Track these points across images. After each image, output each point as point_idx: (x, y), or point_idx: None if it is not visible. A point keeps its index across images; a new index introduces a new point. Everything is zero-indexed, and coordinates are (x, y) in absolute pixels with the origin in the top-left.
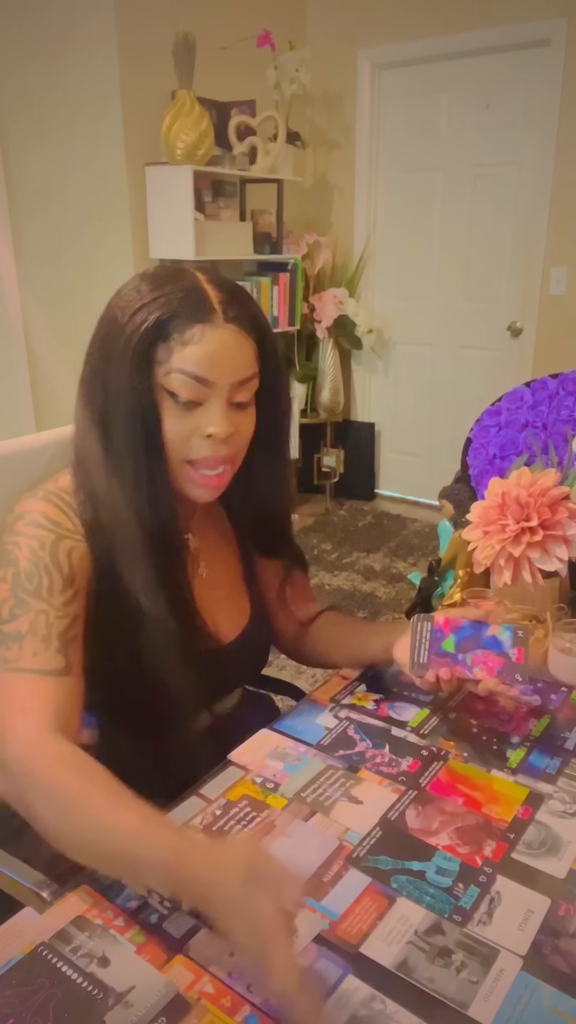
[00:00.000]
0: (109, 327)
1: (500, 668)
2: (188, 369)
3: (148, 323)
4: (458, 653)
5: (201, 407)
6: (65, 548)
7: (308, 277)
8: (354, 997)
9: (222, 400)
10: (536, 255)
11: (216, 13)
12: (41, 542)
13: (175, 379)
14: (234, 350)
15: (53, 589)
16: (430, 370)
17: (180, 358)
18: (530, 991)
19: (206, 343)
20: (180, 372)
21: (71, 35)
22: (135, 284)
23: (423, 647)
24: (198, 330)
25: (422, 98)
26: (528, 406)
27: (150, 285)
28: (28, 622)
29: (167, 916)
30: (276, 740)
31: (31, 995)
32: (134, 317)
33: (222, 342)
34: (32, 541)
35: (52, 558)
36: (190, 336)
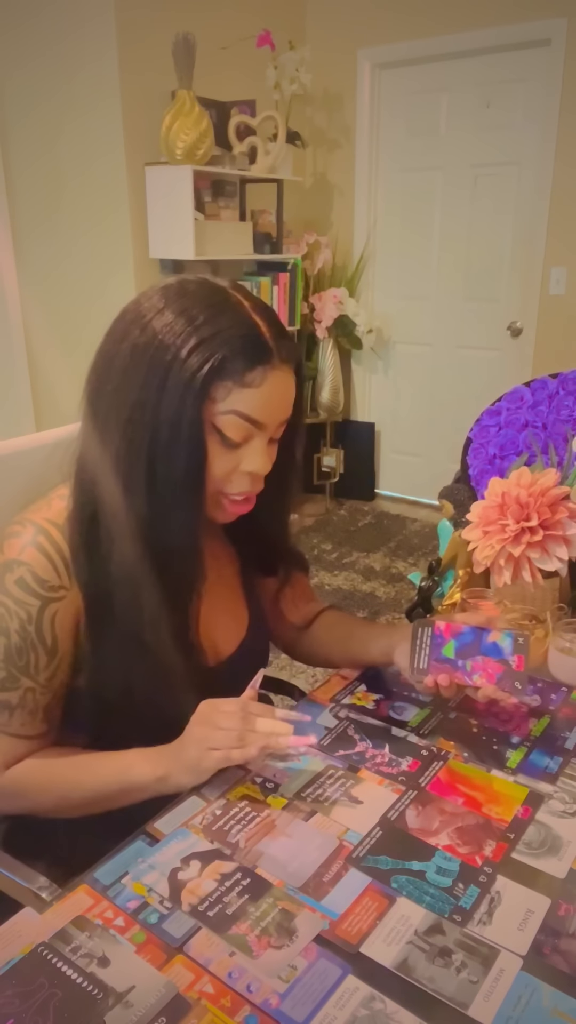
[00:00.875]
0: (159, 354)
1: (500, 675)
2: (245, 412)
3: (213, 363)
4: (458, 659)
5: (242, 446)
6: (49, 615)
7: (308, 277)
8: (354, 997)
9: (265, 439)
10: (536, 255)
11: (216, 13)
12: (28, 614)
13: (229, 420)
14: (287, 392)
15: (39, 666)
16: (430, 370)
17: (238, 400)
18: (530, 991)
19: (266, 387)
20: (235, 414)
21: (71, 35)
22: (181, 307)
23: (423, 652)
24: (259, 373)
25: (422, 98)
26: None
27: (202, 313)
28: (18, 698)
29: (167, 916)
30: None
31: (31, 995)
32: (195, 353)
33: (279, 385)
34: (21, 612)
35: (38, 632)
36: (251, 379)
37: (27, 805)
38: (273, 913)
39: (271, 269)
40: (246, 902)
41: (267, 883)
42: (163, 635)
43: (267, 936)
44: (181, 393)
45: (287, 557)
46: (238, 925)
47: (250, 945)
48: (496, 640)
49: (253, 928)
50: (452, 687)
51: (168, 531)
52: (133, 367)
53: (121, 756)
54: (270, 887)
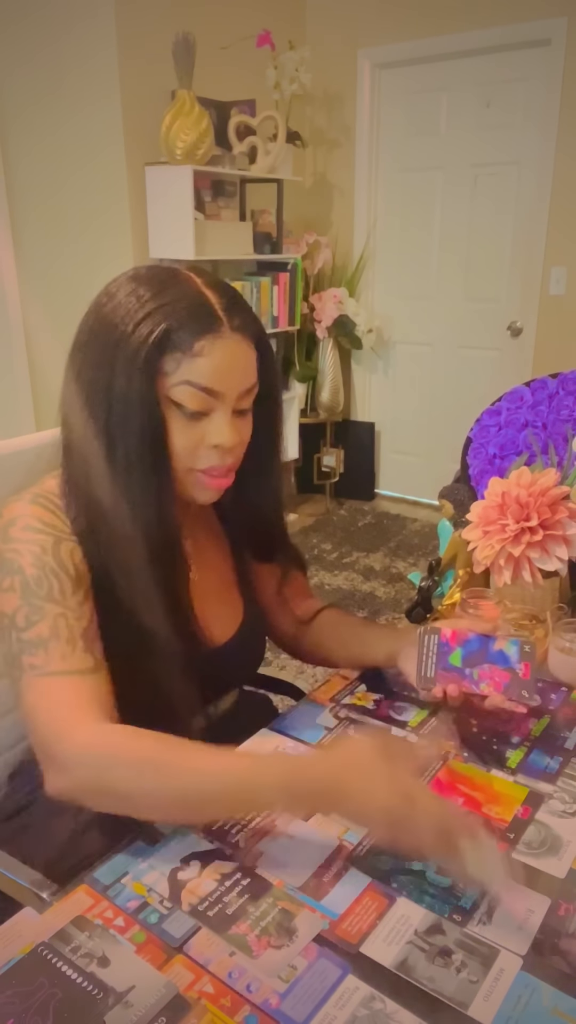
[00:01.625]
0: (108, 334)
1: (507, 684)
2: (197, 381)
3: (156, 335)
4: (465, 667)
5: (207, 417)
6: (67, 549)
7: (308, 277)
8: (354, 997)
9: (227, 410)
10: (536, 255)
11: (216, 13)
12: (42, 546)
13: (183, 391)
14: (241, 360)
15: (65, 591)
16: (430, 370)
17: (189, 370)
18: (530, 991)
19: (215, 355)
20: (188, 384)
21: (71, 35)
22: (131, 288)
23: (430, 661)
24: (207, 341)
25: (422, 98)
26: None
27: (149, 290)
28: (49, 627)
29: (167, 916)
30: (276, 740)
31: (31, 995)
32: (139, 327)
33: (230, 353)
34: (33, 546)
35: (57, 561)
36: (199, 348)
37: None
38: (273, 913)
39: (271, 269)
40: (246, 902)
41: (267, 883)
42: (155, 610)
43: (267, 936)
44: (128, 368)
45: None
46: (238, 925)
47: (250, 945)
48: (502, 648)
49: (253, 928)
50: (460, 697)
51: (142, 508)
52: (88, 349)
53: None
54: (270, 887)
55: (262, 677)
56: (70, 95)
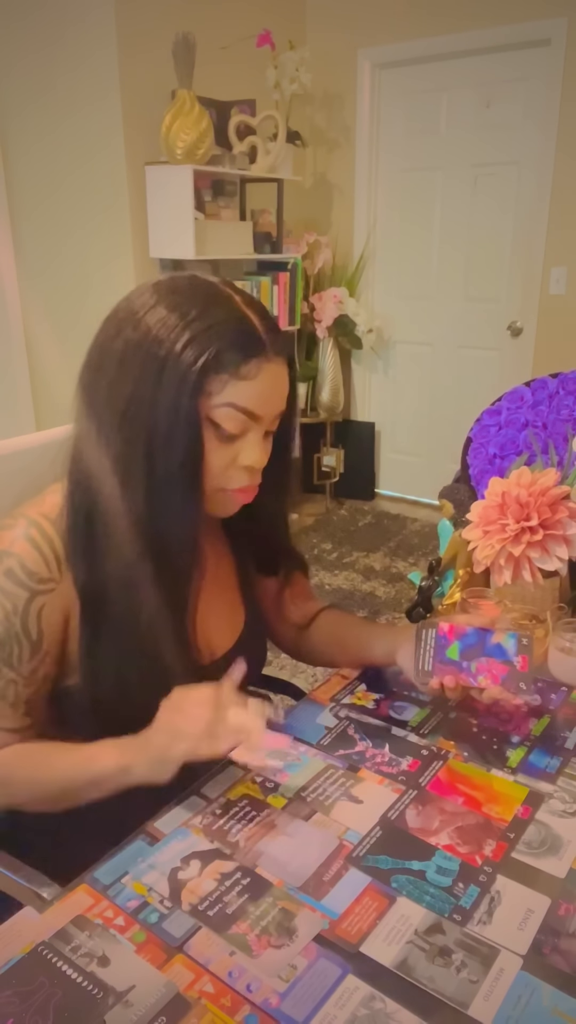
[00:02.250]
0: (153, 349)
1: (504, 676)
2: (241, 404)
3: (208, 356)
4: (462, 661)
5: (241, 438)
6: (36, 608)
7: (308, 277)
8: (354, 997)
9: (261, 432)
10: (536, 255)
11: (216, 13)
12: (14, 605)
13: (225, 413)
14: (280, 385)
15: (23, 658)
16: (430, 370)
17: (234, 393)
18: (530, 991)
19: (261, 379)
20: (231, 407)
21: (71, 35)
22: (174, 302)
23: (427, 655)
24: (254, 365)
25: (422, 98)
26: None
27: (193, 307)
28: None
29: (167, 916)
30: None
31: (31, 995)
32: (189, 346)
33: (273, 377)
34: (6, 602)
35: (23, 624)
36: (246, 371)
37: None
38: (273, 913)
39: (271, 269)
40: (246, 902)
41: (267, 883)
42: (157, 631)
43: (267, 936)
44: (177, 387)
45: (287, 557)
46: (238, 925)
47: (250, 945)
48: (500, 641)
49: (253, 928)
50: (458, 689)
51: (166, 525)
52: (128, 362)
53: (87, 747)
54: (270, 887)
55: (262, 677)
56: (70, 95)
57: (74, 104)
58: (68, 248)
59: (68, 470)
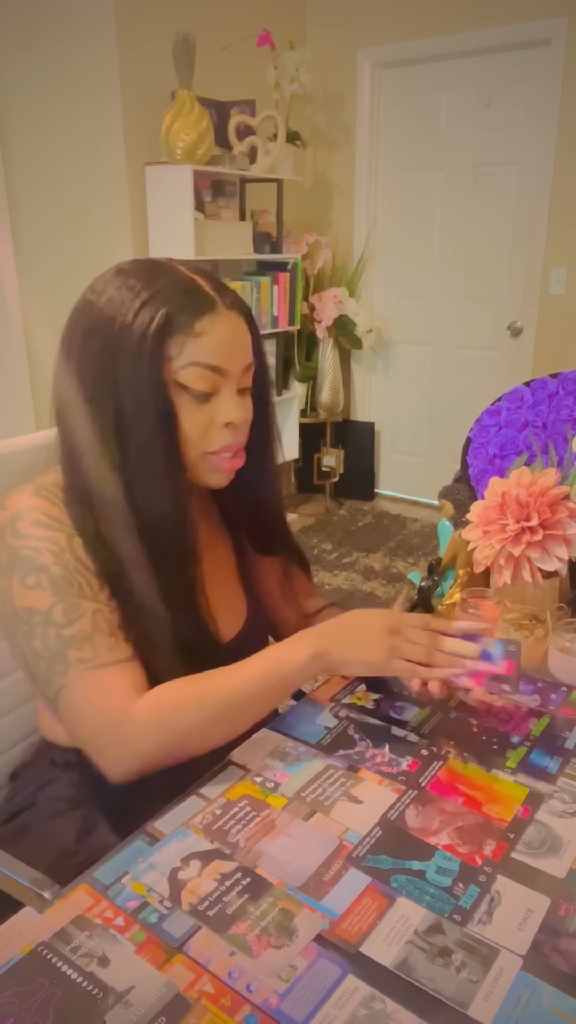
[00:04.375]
0: (107, 327)
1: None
2: (204, 360)
3: (158, 320)
4: None
5: (214, 398)
6: (78, 544)
7: (308, 277)
8: (354, 997)
9: (233, 387)
10: (536, 255)
11: (216, 13)
12: (58, 544)
13: (190, 372)
14: (240, 336)
15: (93, 587)
16: (430, 370)
17: (194, 351)
18: (530, 991)
19: (216, 332)
20: (195, 365)
21: (71, 35)
22: (121, 281)
23: None
24: (207, 320)
25: (422, 98)
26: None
27: (139, 281)
28: (90, 623)
29: (167, 916)
30: (276, 740)
31: (31, 995)
32: (139, 315)
33: (230, 329)
34: (50, 544)
35: (76, 559)
36: (200, 328)
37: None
38: (273, 913)
39: (271, 269)
40: (246, 902)
41: (267, 883)
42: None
43: (267, 936)
44: (135, 357)
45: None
46: (238, 925)
47: (250, 945)
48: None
49: (253, 928)
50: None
51: (155, 501)
52: (87, 347)
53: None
54: (270, 887)
55: None
56: (70, 95)
57: (74, 104)
58: (68, 248)
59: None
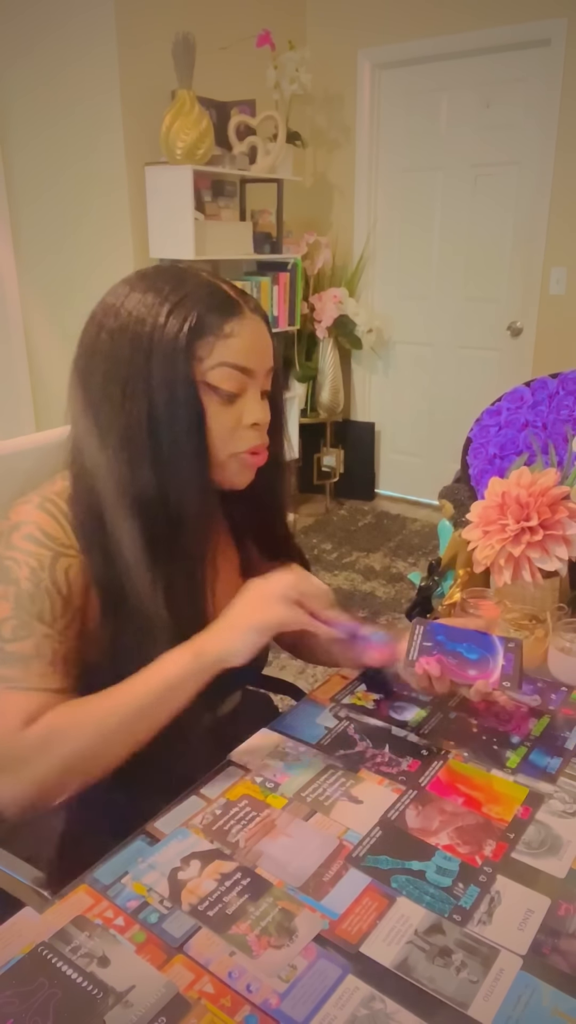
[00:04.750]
0: (138, 329)
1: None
2: (233, 361)
3: (191, 322)
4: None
5: (239, 400)
6: (63, 567)
7: (308, 277)
8: (354, 997)
9: (257, 390)
10: (536, 255)
11: (216, 13)
12: (40, 561)
13: (219, 373)
14: (264, 339)
15: (55, 613)
16: (430, 370)
17: (223, 352)
18: (530, 991)
19: (244, 334)
20: (224, 365)
21: (70, 35)
22: (147, 285)
23: (415, 647)
24: (235, 323)
25: (422, 98)
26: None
27: (167, 284)
28: (34, 646)
29: (167, 916)
30: (276, 740)
31: (31, 995)
32: (172, 316)
33: (256, 331)
34: (31, 560)
35: (52, 579)
36: (229, 330)
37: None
38: (273, 913)
39: (271, 269)
40: (246, 902)
41: (267, 883)
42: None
43: (267, 936)
44: (168, 357)
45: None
46: (238, 925)
47: (250, 945)
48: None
49: (253, 928)
50: (445, 681)
51: (181, 499)
52: (117, 349)
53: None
54: (270, 887)
55: (263, 677)
56: (70, 95)
57: (74, 104)
58: (68, 248)
59: (71, 471)
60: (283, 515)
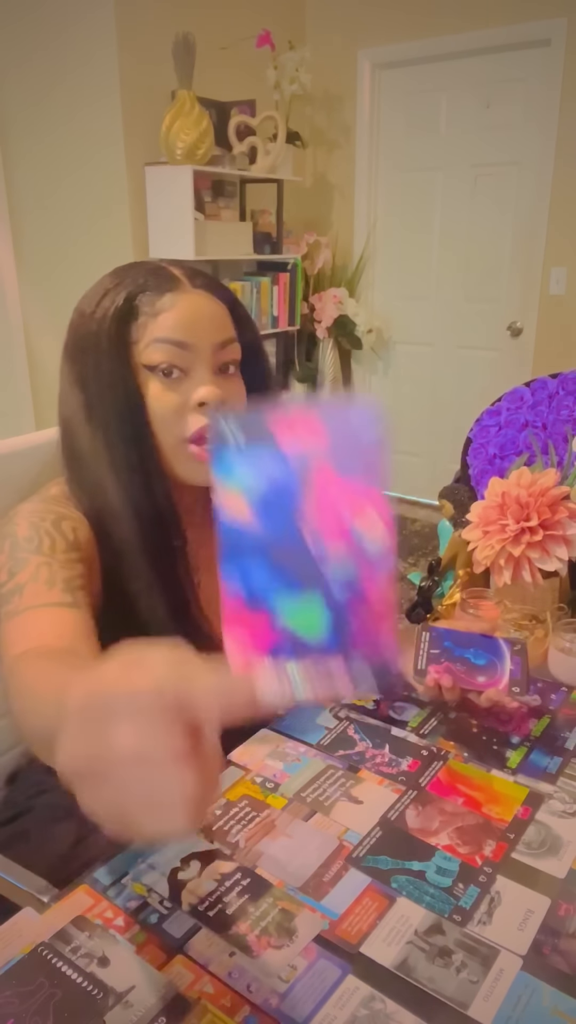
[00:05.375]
0: (78, 323)
1: None
2: (165, 335)
3: (117, 303)
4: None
5: (187, 377)
6: (69, 524)
7: (308, 277)
8: (354, 997)
9: (207, 366)
10: (536, 255)
11: (216, 13)
12: (41, 515)
13: (152, 350)
14: (206, 311)
15: (55, 547)
16: (430, 370)
17: (155, 328)
18: (530, 991)
19: (179, 308)
20: (157, 341)
21: (71, 35)
22: (99, 281)
23: (423, 655)
24: (168, 298)
25: (422, 98)
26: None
27: (113, 277)
28: (29, 574)
29: (167, 916)
30: (276, 740)
31: (31, 995)
32: (101, 303)
33: (194, 305)
34: (32, 516)
35: (54, 526)
36: (161, 305)
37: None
38: (273, 913)
39: (271, 269)
40: (246, 902)
41: (267, 883)
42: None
43: (267, 936)
44: (96, 343)
45: None
46: (238, 925)
47: (250, 945)
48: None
49: (253, 928)
50: (456, 690)
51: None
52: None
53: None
54: (270, 887)
55: None
56: (70, 95)
57: (74, 105)
58: (68, 248)
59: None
60: None
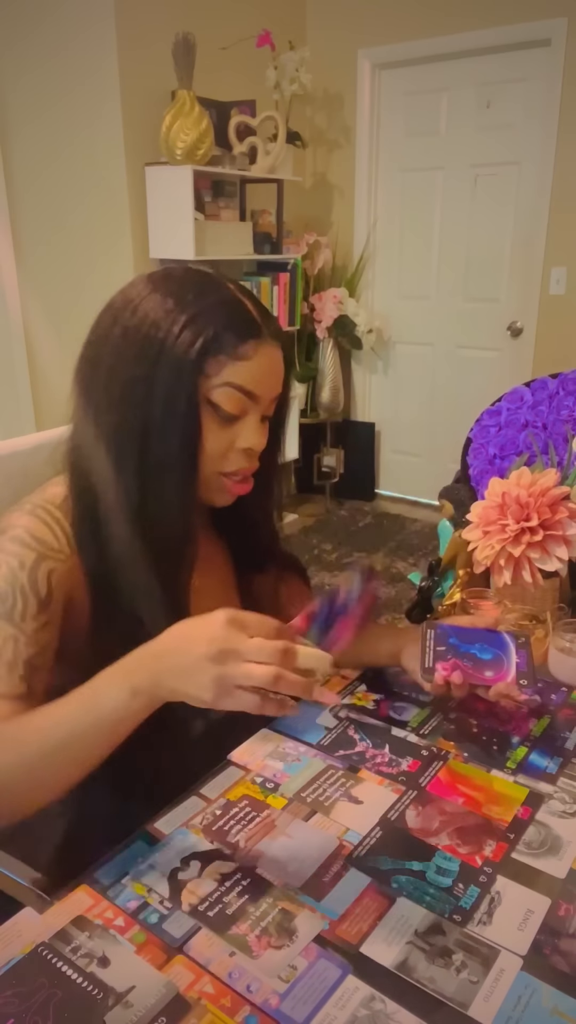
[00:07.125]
0: (150, 332)
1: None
2: (240, 383)
3: (205, 337)
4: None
5: (239, 421)
6: (45, 569)
7: (308, 277)
8: (354, 997)
9: (258, 415)
10: (536, 255)
11: (216, 13)
12: (21, 561)
13: (223, 393)
14: (277, 366)
15: (27, 614)
16: (430, 370)
17: (232, 373)
18: (530, 991)
19: (258, 360)
20: (230, 386)
21: (71, 35)
22: (169, 289)
23: (430, 653)
24: (251, 346)
25: (422, 98)
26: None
27: (189, 292)
28: None
29: (167, 916)
30: (276, 740)
31: (31, 995)
32: (186, 329)
33: (270, 358)
34: (11, 559)
35: (30, 579)
36: (243, 352)
37: None
38: (273, 913)
39: (271, 269)
40: (246, 902)
41: (267, 883)
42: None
43: (267, 936)
44: (176, 368)
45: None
46: (238, 925)
47: (250, 945)
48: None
49: (253, 928)
50: (464, 686)
51: (162, 510)
52: (126, 347)
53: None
54: (270, 887)
55: None
56: (70, 95)
57: (74, 104)
58: (68, 248)
59: (68, 462)
60: (270, 531)
